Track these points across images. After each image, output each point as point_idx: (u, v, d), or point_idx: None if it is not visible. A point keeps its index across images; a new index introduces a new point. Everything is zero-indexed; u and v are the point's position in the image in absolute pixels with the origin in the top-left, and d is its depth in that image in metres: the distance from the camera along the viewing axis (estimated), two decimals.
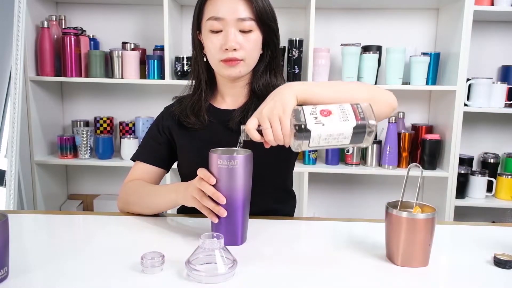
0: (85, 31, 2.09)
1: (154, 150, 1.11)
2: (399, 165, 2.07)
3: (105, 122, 2.19)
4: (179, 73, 2.03)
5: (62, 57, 2.02)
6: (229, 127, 1.03)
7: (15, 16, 1.83)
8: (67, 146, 2.07)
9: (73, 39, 2.00)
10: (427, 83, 2.03)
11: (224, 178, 0.80)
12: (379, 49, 2.06)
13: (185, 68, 2.02)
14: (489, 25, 2.16)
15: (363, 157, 2.13)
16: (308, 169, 2.03)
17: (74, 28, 2.03)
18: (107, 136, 2.10)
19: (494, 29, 2.16)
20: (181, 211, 1.12)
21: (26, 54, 1.93)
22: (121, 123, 2.18)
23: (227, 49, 0.96)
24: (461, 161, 2.06)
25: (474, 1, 1.87)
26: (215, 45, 0.98)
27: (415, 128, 2.14)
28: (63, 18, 2.14)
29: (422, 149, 2.06)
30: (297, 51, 2.01)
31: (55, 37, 2.06)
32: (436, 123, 2.17)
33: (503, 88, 2.02)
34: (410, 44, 2.14)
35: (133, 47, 2.08)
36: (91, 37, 2.14)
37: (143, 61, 2.07)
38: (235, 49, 0.96)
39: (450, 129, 1.98)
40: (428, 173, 2.02)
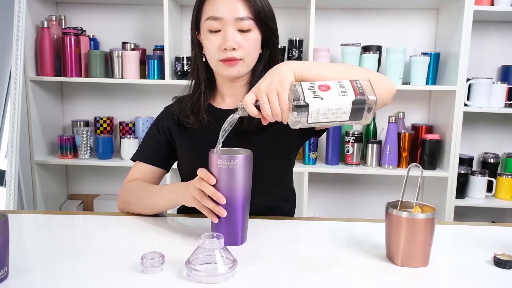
0: (85, 31, 2.09)
1: (154, 150, 1.11)
2: (399, 165, 2.07)
3: (105, 122, 2.19)
4: (179, 73, 2.03)
5: (62, 57, 2.02)
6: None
7: (15, 16, 1.83)
8: (67, 146, 2.07)
9: (73, 39, 2.00)
10: (427, 83, 2.03)
11: (224, 178, 0.80)
12: (379, 49, 2.06)
13: (185, 68, 2.02)
14: (489, 25, 2.16)
15: (363, 157, 2.13)
16: (308, 169, 2.03)
17: (74, 28, 2.03)
18: (107, 136, 2.10)
19: (494, 29, 2.16)
20: (181, 211, 1.12)
21: (26, 54, 1.93)
22: (121, 123, 2.18)
23: (226, 49, 0.96)
24: (461, 161, 2.06)
25: (474, 1, 1.87)
26: (214, 45, 0.97)
27: (415, 128, 2.14)
28: (63, 18, 2.14)
29: (422, 149, 2.06)
30: (297, 51, 2.01)
31: (55, 37, 2.06)
32: (436, 123, 2.17)
33: (503, 88, 2.02)
34: (410, 44, 2.14)
35: (133, 47, 2.08)
36: (91, 37, 2.14)
37: (143, 61, 2.07)
38: (234, 49, 0.96)
39: (450, 129, 1.98)
40: (428, 173, 2.02)
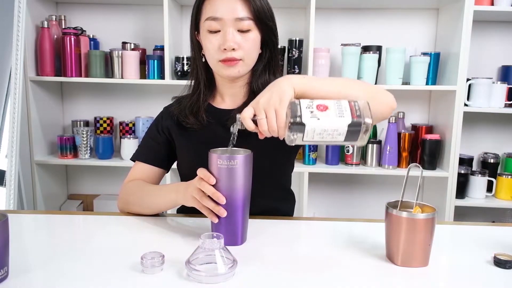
0: (85, 31, 2.09)
1: (153, 150, 1.11)
2: (399, 165, 2.07)
3: (105, 122, 2.19)
4: (179, 73, 2.03)
5: (62, 57, 2.02)
6: (229, 127, 1.02)
7: (15, 16, 1.83)
8: (67, 146, 2.07)
9: (73, 39, 2.00)
10: (427, 83, 2.03)
11: (224, 178, 0.80)
12: (379, 49, 2.06)
13: (185, 68, 2.02)
14: (489, 25, 2.16)
15: (363, 157, 2.13)
16: (308, 169, 2.03)
17: (74, 28, 2.03)
18: (107, 136, 2.10)
19: (494, 29, 2.16)
20: (181, 211, 1.12)
21: (26, 54, 1.93)
22: (121, 123, 2.18)
23: (225, 49, 0.96)
24: (461, 161, 2.06)
25: (474, 1, 1.87)
26: (213, 45, 0.97)
27: (415, 128, 2.14)
28: (63, 18, 2.14)
29: (422, 149, 2.06)
30: (297, 51, 2.01)
31: (55, 37, 2.06)
32: (436, 123, 2.17)
33: (503, 88, 2.02)
34: (410, 44, 2.14)
35: (133, 47, 2.08)
36: (91, 37, 2.14)
37: (143, 61, 2.07)
38: (233, 49, 0.96)
39: (450, 129, 1.98)
40: (428, 173, 2.02)
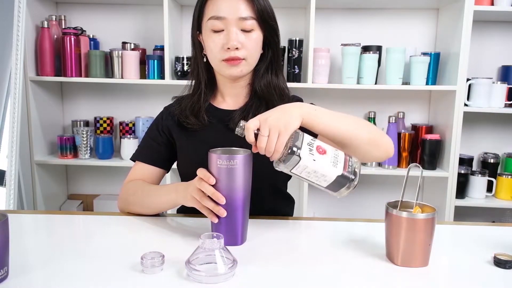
0: (85, 31, 2.09)
1: (153, 150, 1.11)
2: (399, 165, 2.07)
3: (105, 122, 2.19)
4: (179, 73, 2.03)
5: (62, 57, 2.02)
6: (230, 127, 1.02)
7: (15, 16, 1.83)
8: (67, 146, 2.07)
9: (73, 39, 2.00)
10: (427, 83, 2.03)
11: (223, 178, 0.80)
12: (379, 49, 2.06)
13: (185, 68, 2.02)
14: (489, 25, 2.16)
15: None
16: None
17: (74, 28, 2.03)
18: (107, 136, 2.10)
19: (494, 29, 2.16)
20: (181, 211, 1.12)
21: (26, 54, 1.93)
22: (121, 123, 2.18)
23: (229, 48, 0.96)
24: (461, 161, 2.06)
25: (474, 1, 1.87)
26: (216, 44, 0.98)
27: (415, 128, 2.14)
28: (63, 18, 2.14)
29: (422, 149, 2.06)
30: (297, 51, 2.01)
31: (55, 37, 2.06)
32: (436, 123, 2.17)
33: (503, 88, 2.02)
34: (410, 44, 2.14)
35: (133, 47, 2.08)
36: (91, 37, 2.14)
37: (143, 61, 2.07)
38: (237, 48, 0.96)
39: (450, 129, 1.98)
40: (428, 173, 2.02)
